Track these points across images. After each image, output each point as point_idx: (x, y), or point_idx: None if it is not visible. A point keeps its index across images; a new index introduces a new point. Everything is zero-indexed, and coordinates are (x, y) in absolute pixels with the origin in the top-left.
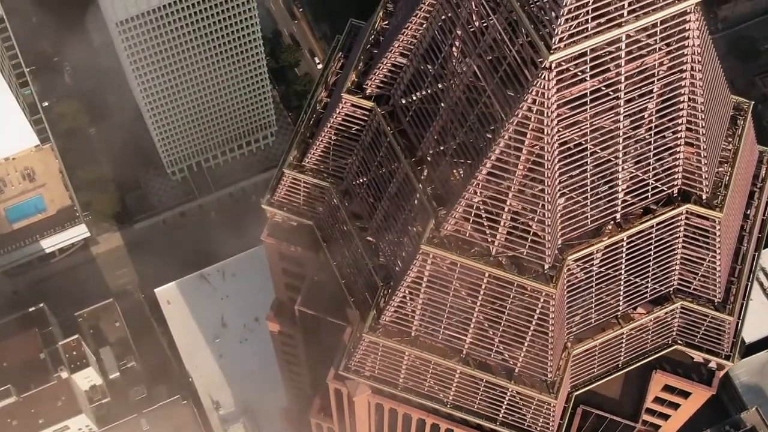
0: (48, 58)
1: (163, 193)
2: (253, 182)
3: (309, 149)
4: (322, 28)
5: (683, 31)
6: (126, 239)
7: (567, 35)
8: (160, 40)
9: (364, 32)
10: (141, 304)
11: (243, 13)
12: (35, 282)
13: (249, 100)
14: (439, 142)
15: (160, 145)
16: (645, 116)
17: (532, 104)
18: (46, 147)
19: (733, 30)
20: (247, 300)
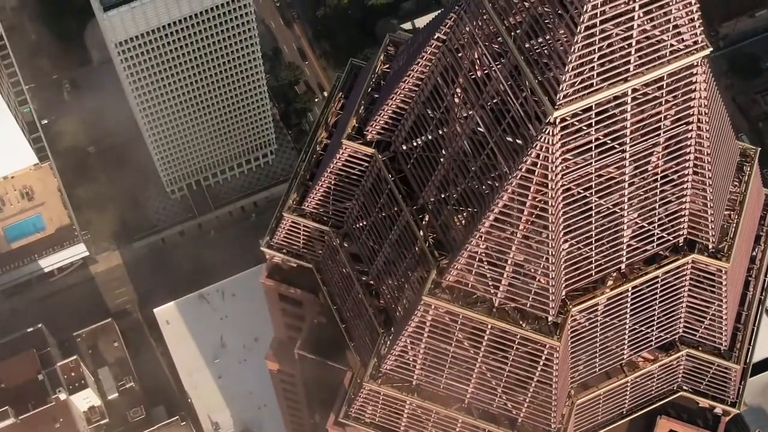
0: (47, 76)
1: (162, 212)
2: (252, 201)
3: (309, 193)
4: (322, 46)
5: (690, 84)
6: (125, 258)
7: (572, 91)
8: (160, 60)
9: (365, 74)
10: (140, 324)
11: (243, 33)
12: (34, 301)
13: (249, 118)
14: (441, 189)
15: (160, 163)
16: (650, 167)
17: (536, 158)
18: (45, 165)
19: (735, 47)
20: (246, 320)
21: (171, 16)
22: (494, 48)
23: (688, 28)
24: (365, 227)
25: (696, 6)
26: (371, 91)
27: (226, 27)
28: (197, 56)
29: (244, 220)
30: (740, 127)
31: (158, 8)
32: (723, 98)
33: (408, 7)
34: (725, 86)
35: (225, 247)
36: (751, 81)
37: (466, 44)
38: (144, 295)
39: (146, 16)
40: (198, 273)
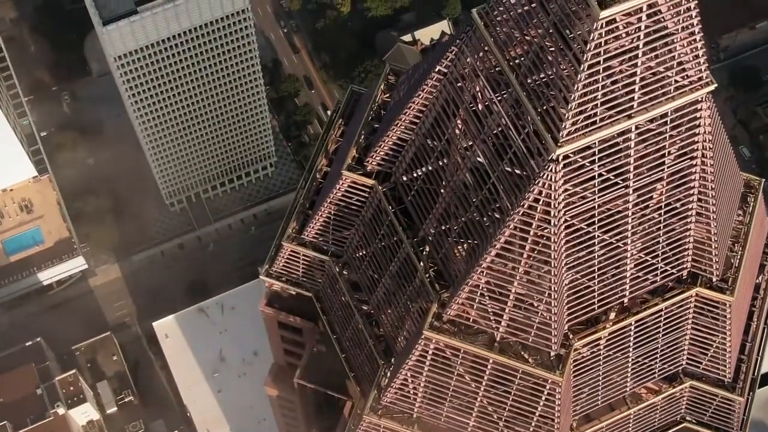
0: (46, 88)
1: (161, 225)
2: (252, 213)
3: (308, 221)
4: (322, 58)
5: (695, 119)
6: (124, 271)
7: (575, 128)
8: (159, 73)
9: (365, 102)
10: (139, 338)
11: (243, 46)
12: (32, 314)
13: (248, 131)
14: (442, 221)
15: (159, 176)
16: (654, 201)
17: (539, 195)
18: (44, 178)
19: (735, 59)
20: (246, 334)
21: (171, 30)
22: (496, 82)
23: (692, 65)
24: (365, 257)
25: (701, 43)
26: (371, 121)
27: (226, 40)
28: (197, 69)
29: (243, 232)
30: (741, 140)
31: (158, 22)
32: (723, 110)
33: (408, 19)
34: (725, 98)
35: (224, 261)
36: (751, 93)
37: (468, 77)
38: (143, 308)
39: (146, 30)
40: (197, 286)
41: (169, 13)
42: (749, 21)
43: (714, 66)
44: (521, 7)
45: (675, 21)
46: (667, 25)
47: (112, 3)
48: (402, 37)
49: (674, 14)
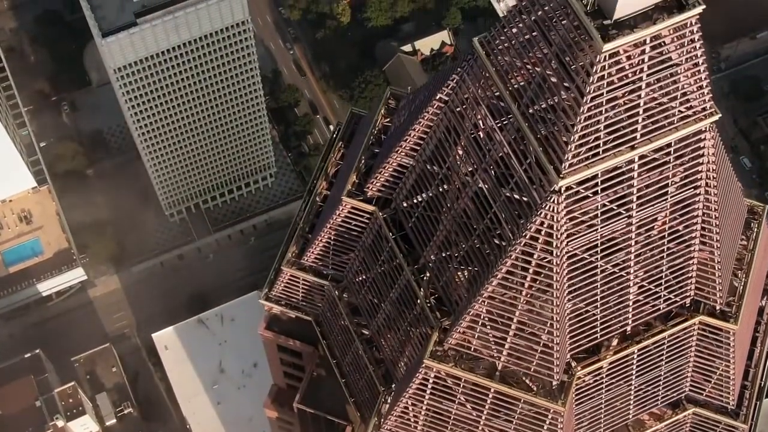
0: (46, 98)
1: (161, 235)
2: (252, 224)
3: (308, 246)
4: (323, 68)
5: (699, 149)
6: (123, 282)
7: (577, 160)
8: (159, 85)
9: (365, 125)
10: (138, 349)
11: (243, 57)
12: (31, 326)
13: (248, 141)
14: (443, 248)
15: (159, 186)
16: (657, 230)
17: (541, 226)
18: (43, 189)
19: (736, 69)
20: (245, 345)
21: (170, 42)
22: (497, 111)
23: (696, 95)
24: (365, 281)
25: (705, 73)
26: (371, 145)
27: (226, 52)
28: (197, 81)
29: (243, 243)
30: (742, 150)
31: (157, 34)
32: (724, 120)
33: (407, 29)
34: (726, 108)
35: (224, 271)
36: (752, 103)
37: (469, 106)
38: (142, 319)
39: (145, 42)
40: (197, 297)
41: (169, 25)
42: (750, 31)
43: (715, 76)
44: (523, 37)
45: (679, 52)
46: (671, 56)
47: (112, 15)
48: (402, 47)
49: (678, 45)
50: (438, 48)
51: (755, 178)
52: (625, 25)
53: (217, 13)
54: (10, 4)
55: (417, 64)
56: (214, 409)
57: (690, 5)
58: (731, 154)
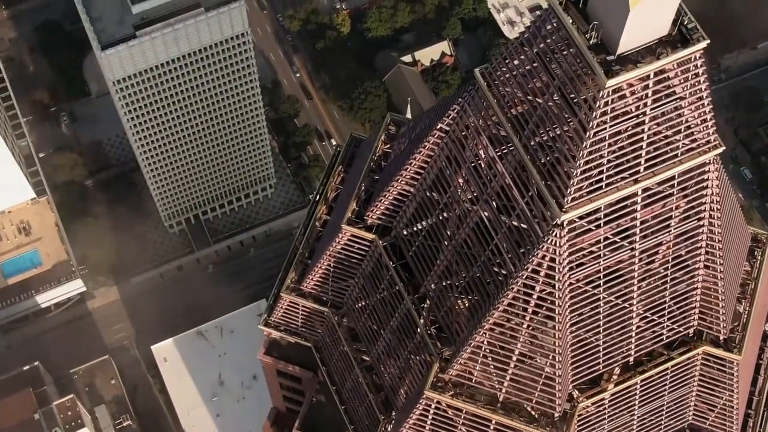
0: (45, 108)
1: (160, 246)
2: (251, 235)
3: (307, 272)
4: (322, 79)
5: (702, 181)
6: (122, 293)
7: (580, 194)
8: (158, 96)
9: (365, 150)
10: (137, 361)
11: (242, 69)
12: (30, 337)
13: (248, 153)
14: (444, 277)
15: (158, 198)
16: (661, 261)
17: (543, 259)
18: (42, 200)
19: (736, 80)
20: (245, 358)
21: (169, 54)
22: (499, 142)
23: (701, 128)
24: (365, 308)
25: (709, 107)
26: (372, 172)
27: (226, 63)
28: (196, 93)
29: (242, 254)
30: (742, 161)
31: (157, 47)
32: (724, 131)
33: (408, 39)
34: (726, 119)
35: (223, 283)
36: (753, 114)
37: (470, 136)
38: (142, 331)
39: (144, 54)
40: (196, 309)
41: (169, 37)
42: (751, 41)
43: (715, 86)
44: (525, 69)
45: (683, 86)
46: (676, 90)
47: (111, 27)
48: (402, 57)
49: (683, 79)
50: (438, 58)
51: (756, 189)
52: (628, 60)
53: (217, 25)
54: (10, 14)
55: (417, 75)
56: (214, 421)
57: (694, 40)
58: (732, 164)
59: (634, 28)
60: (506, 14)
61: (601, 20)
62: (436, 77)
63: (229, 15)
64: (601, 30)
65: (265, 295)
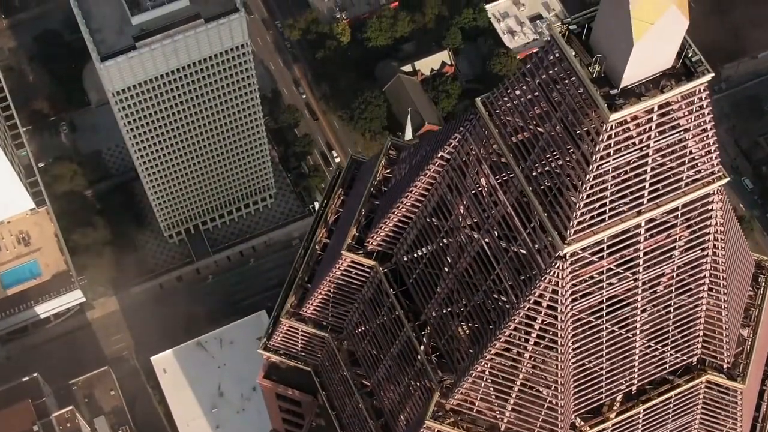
0: (44, 118)
1: (160, 256)
2: (251, 245)
3: (307, 297)
4: (322, 88)
5: (707, 212)
6: (122, 304)
7: (583, 227)
8: (158, 107)
9: (365, 173)
10: (137, 371)
11: (242, 80)
12: (29, 348)
13: (247, 163)
14: (445, 305)
15: (157, 208)
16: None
17: (545, 291)
18: (41, 210)
19: (737, 89)
20: (244, 369)
21: (169, 66)
22: (500, 172)
23: (705, 159)
24: (366, 333)
25: (713, 138)
26: (372, 197)
27: (226, 75)
28: (196, 103)
29: (242, 265)
30: (743, 171)
31: (156, 58)
32: (725, 141)
33: (408, 49)
34: (727, 129)
35: (223, 293)
36: (753, 123)
37: (471, 165)
38: (141, 341)
39: (144, 66)
40: (196, 319)
41: (168, 49)
42: (751, 50)
43: (716, 96)
44: (526, 99)
45: (688, 118)
46: (680, 122)
47: (111, 38)
48: (402, 67)
49: (687, 112)
50: (438, 68)
51: (757, 200)
52: (632, 93)
53: (217, 36)
54: (10, 23)
55: (417, 85)
56: None
57: (698, 73)
58: (732, 174)
59: (638, 61)
60: (506, 23)
61: (604, 53)
62: (436, 87)
63: (229, 26)
64: (605, 62)
65: (265, 306)
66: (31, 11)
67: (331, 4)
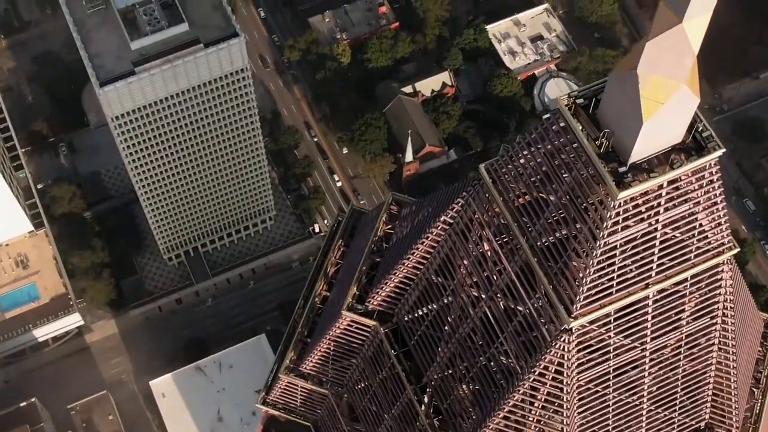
0: (43, 139)
1: (159, 279)
2: (251, 268)
3: (307, 353)
4: (323, 109)
5: (716, 281)
6: (121, 327)
7: (590, 300)
8: (158, 132)
9: (365, 226)
10: (135, 396)
11: (242, 104)
12: (27, 372)
13: (247, 186)
14: (447, 368)
15: (156, 231)
16: (672, 359)
17: (550, 363)
18: (40, 232)
19: (738, 110)
20: (244, 393)
21: (168, 91)
22: (504, 240)
23: (715, 231)
24: (367, 390)
25: (724, 211)
26: (372, 254)
27: (225, 99)
28: (195, 127)
29: (242, 287)
30: (745, 192)
31: (155, 83)
32: (726, 163)
33: (408, 69)
34: (729, 151)
35: (223, 316)
36: (755, 145)
37: (474, 231)
38: (140, 365)
39: (143, 91)
40: (195, 343)
41: (168, 74)
42: (753, 71)
43: (717, 117)
44: (531, 169)
45: (698, 192)
46: (690, 197)
47: (110, 63)
48: (402, 88)
49: (697, 186)
50: (439, 89)
51: (759, 222)
52: (641, 168)
53: (217, 61)
54: (9, 44)
55: (418, 106)
56: None
57: (709, 148)
58: (734, 196)
59: (647, 138)
60: (507, 44)
61: (612, 128)
62: (436, 108)
63: (229, 51)
64: (613, 137)
65: (264, 330)
66: (31, 32)
67: (332, 24)
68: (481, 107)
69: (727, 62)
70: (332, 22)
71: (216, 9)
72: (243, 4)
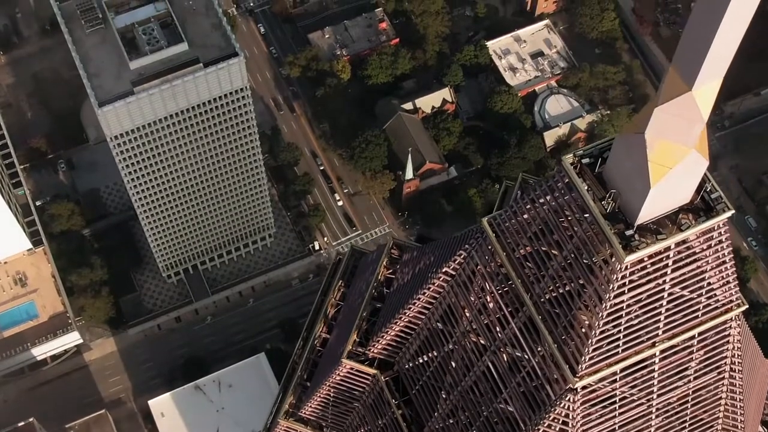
0: (42, 155)
1: (158, 297)
2: (250, 285)
3: (306, 398)
4: (322, 126)
5: (724, 337)
6: (120, 345)
7: (595, 360)
8: (157, 151)
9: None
10: (134, 415)
11: (241, 123)
12: (25, 390)
13: (247, 204)
14: (449, 417)
15: (156, 248)
16: (679, 413)
17: (554, 422)
18: (38, 250)
19: (740, 126)
20: (243, 413)
21: (167, 110)
22: (507, 294)
23: (723, 289)
24: None
25: (732, 270)
26: (373, 300)
27: (225, 118)
28: (195, 146)
29: (241, 305)
30: (747, 209)
31: (154, 103)
32: (728, 179)
33: (408, 86)
34: (731, 167)
35: (222, 335)
36: (757, 161)
37: (477, 284)
38: (139, 383)
39: (142, 111)
40: (194, 361)
41: (167, 93)
42: (754, 87)
43: (719, 133)
44: (535, 227)
45: (706, 252)
46: (699, 257)
47: (109, 83)
48: (403, 104)
49: (706, 246)
50: (439, 105)
51: (761, 238)
52: (648, 230)
53: (216, 81)
54: (8, 60)
55: (418, 123)
56: None
57: (718, 210)
58: (736, 213)
59: (655, 200)
60: (507, 60)
61: (618, 189)
62: (437, 124)
63: (228, 71)
64: (619, 199)
65: (263, 348)
66: (30, 48)
67: (332, 40)
68: (481, 124)
69: (728, 78)
70: (332, 38)
71: (216, 28)
72: (243, 21)
